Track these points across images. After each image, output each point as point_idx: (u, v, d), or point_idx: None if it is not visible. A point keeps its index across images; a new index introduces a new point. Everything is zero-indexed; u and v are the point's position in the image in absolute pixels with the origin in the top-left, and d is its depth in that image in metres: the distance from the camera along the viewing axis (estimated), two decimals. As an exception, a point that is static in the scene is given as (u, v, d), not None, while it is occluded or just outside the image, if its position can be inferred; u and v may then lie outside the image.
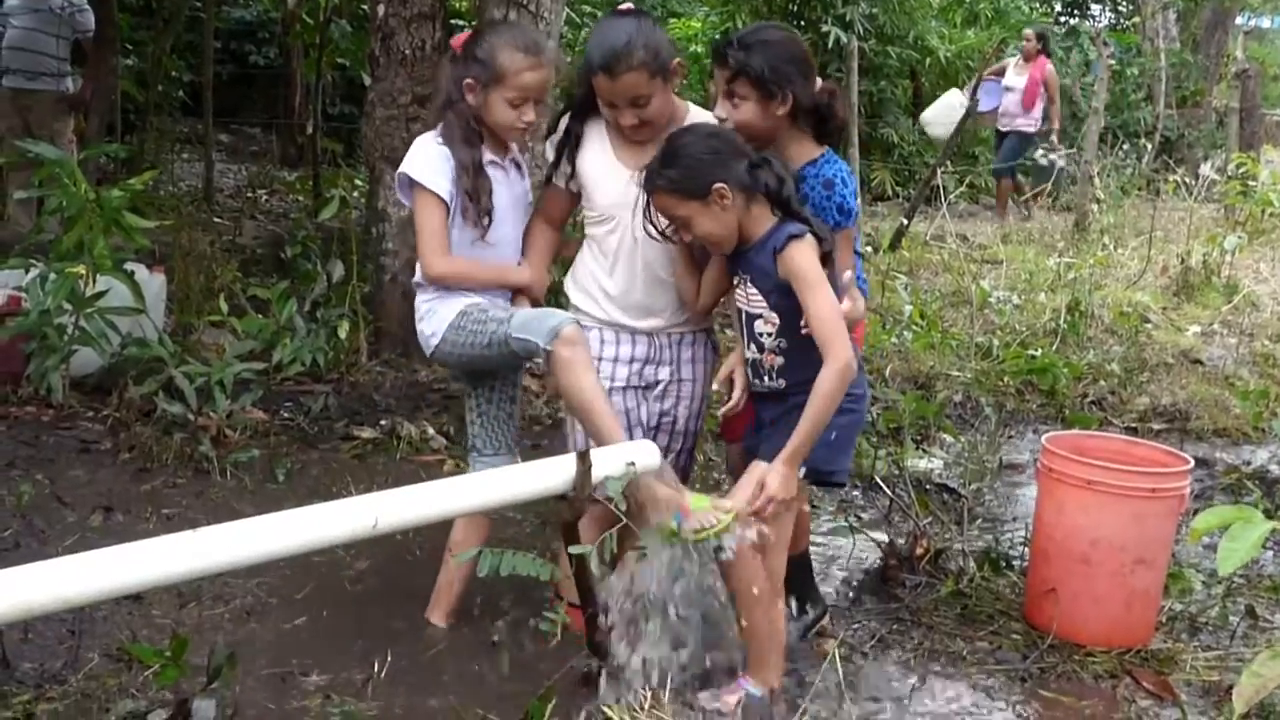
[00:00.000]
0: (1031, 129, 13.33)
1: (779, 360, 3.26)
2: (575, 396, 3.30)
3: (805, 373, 3.18)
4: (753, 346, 3.31)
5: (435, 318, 3.51)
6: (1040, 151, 12.99)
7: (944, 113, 12.87)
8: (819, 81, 3.51)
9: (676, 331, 3.60)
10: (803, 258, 3.13)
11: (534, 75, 3.45)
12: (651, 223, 3.34)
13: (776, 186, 3.21)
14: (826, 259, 3.19)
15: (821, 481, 3.50)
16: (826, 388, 3.13)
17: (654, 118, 3.37)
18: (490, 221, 3.48)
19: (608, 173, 3.49)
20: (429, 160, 3.46)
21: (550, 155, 3.61)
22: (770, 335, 3.26)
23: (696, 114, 3.54)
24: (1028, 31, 14.04)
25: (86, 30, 8.50)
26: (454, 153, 3.44)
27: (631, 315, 3.54)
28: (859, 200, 3.60)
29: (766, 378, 3.31)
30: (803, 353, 3.20)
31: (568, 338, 3.25)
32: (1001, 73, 13.51)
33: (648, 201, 3.30)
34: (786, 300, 3.20)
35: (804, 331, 3.18)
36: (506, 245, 3.60)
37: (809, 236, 3.15)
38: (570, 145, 3.54)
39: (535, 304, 3.60)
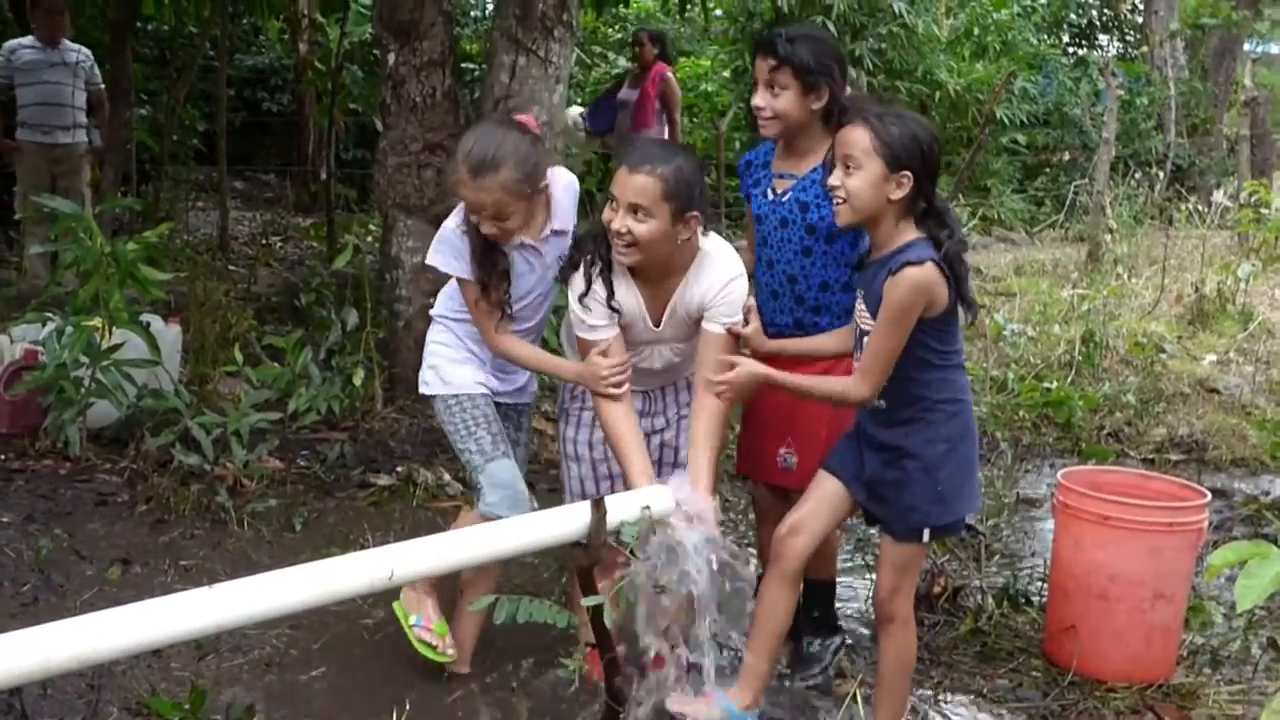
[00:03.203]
0: None
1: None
2: None
3: (909, 391, 3.19)
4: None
5: (436, 373, 3.66)
6: None
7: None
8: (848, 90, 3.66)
9: (672, 385, 3.69)
10: (908, 288, 3.05)
11: (471, 195, 3.39)
12: None
13: (938, 229, 3.14)
14: (960, 281, 3.12)
15: (945, 534, 3.61)
16: (838, 388, 3.26)
17: (644, 239, 3.25)
18: (507, 310, 3.53)
19: (637, 317, 3.47)
20: (445, 246, 3.53)
21: (577, 305, 3.45)
22: None
23: (714, 245, 3.48)
24: (641, 34, 11.18)
25: (96, 83, 8.62)
26: (470, 238, 3.49)
27: (635, 384, 3.57)
28: None
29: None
30: (905, 375, 3.18)
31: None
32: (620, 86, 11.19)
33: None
34: None
35: (913, 355, 3.16)
36: (525, 328, 3.65)
37: (929, 265, 3.06)
38: (605, 272, 3.40)
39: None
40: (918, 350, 3.15)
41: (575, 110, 10.45)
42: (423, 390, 3.74)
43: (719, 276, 3.40)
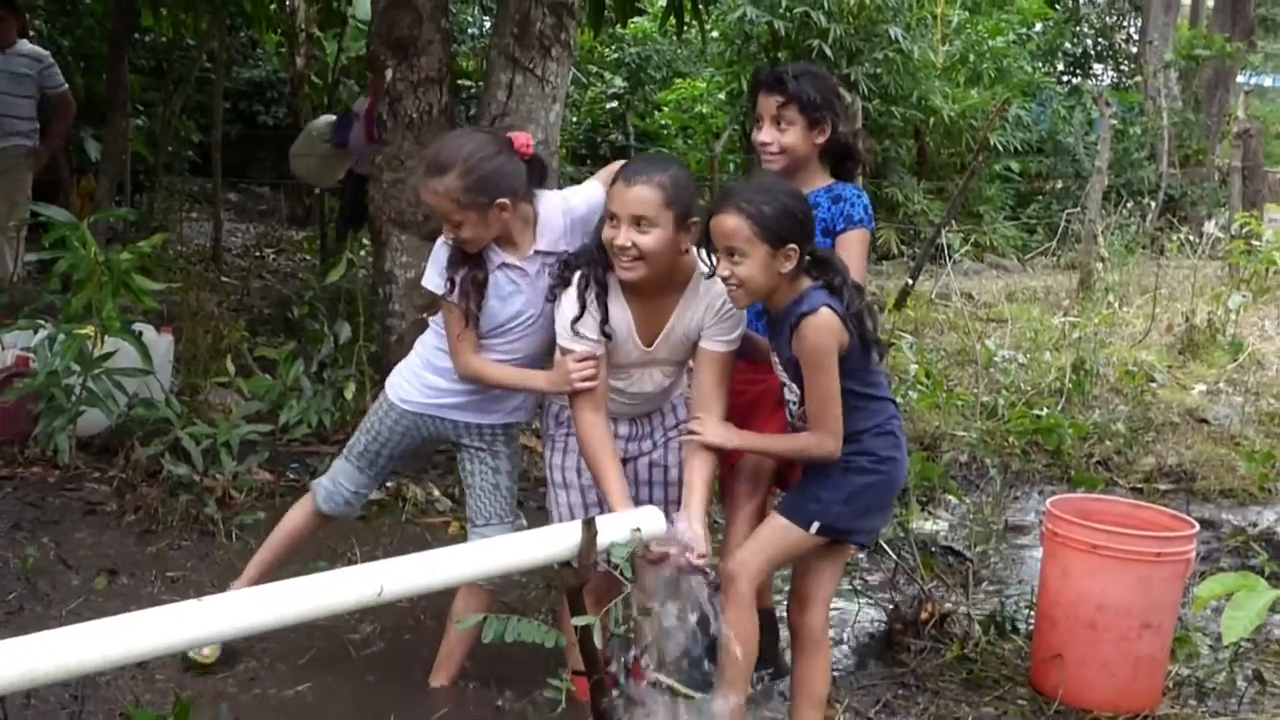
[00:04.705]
0: None
1: (805, 425, 3.29)
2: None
3: None
4: (789, 407, 3.36)
5: (400, 376, 3.79)
6: None
7: (306, 145, 9.86)
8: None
9: (657, 411, 3.65)
10: (813, 336, 3.13)
11: (423, 195, 3.47)
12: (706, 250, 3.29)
13: (827, 275, 3.20)
14: (859, 320, 3.17)
15: (837, 540, 3.47)
16: (802, 444, 3.30)
17: (650, 251, 3.24)
18: (471, 320, 3.52)
19: (626, 338, 3.43)
20: (432, 261, 3.57)
21: (568, 328, 3.41)
22: (795, 403, 3.30)
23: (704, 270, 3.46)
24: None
25: (56, 86, 8.43)
26: (451, 246, 3.52)
27: (621, 411, 3.58)
28: (872, 218, 3.66)
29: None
30: None
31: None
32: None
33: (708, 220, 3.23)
34: (801, 375, 3.23)
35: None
36: (521, 356, 3.63)
37: (823, 310, 3.12)
38: (600, 292, 3.37)
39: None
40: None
41: (324, 120, 9.81)
42: (386, 384, 3.86)
43: (717, 294, 3.37)
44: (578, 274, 3.37)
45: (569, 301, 3.38)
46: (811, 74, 3.64)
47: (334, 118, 9.41)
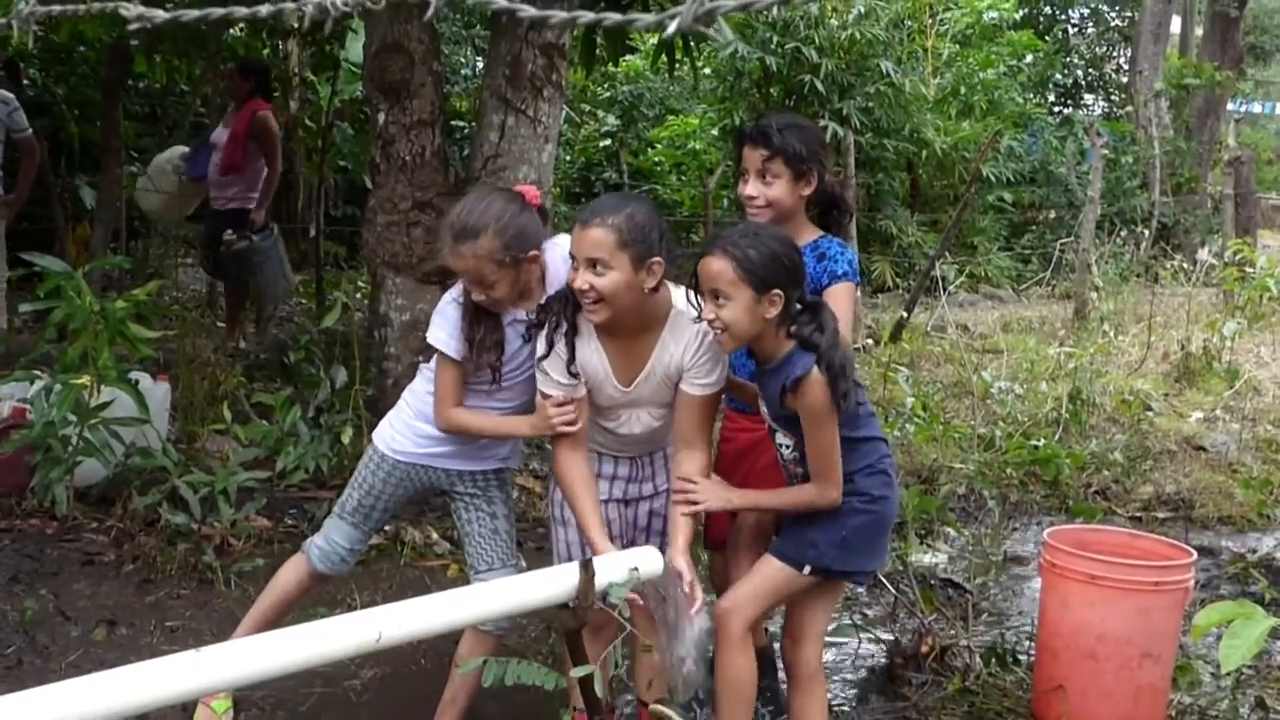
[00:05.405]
0: (245, 204, 8.82)
1: (800, 469, 3.31)
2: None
3: None
4: (780, 451, 3.37)
5: (391, 426, 3.75)
6: (229, 233, 8.68)
7: (157, 178, 9.41)
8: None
9: (660, 451, 3.64)
10: (811, 395, 3.13)
11: (453, 261, 3.42)
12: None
13: (808, 326, 3.18)
14: (835, 381, 3.16)
15: (830, 577, 3.46)
16: (805, 496, 3.29)
17: (608, 292, 3.22)
18: (496, 376, 3.51)
19: (604, 380, 3.43)
20: (439, 318, 3.53)
21: (538, 353, 3.44)
22: (789, 448, 3.31)
23: (679, 296, 3.43)
24: (234, 66, 9.43)
25: (21, 130, 8.24)
26: (464, 305, 3.49)
27: (618, 451, 3.58)
28: (857, 271, 3.67)
29: (793, 480, 3.37)
30: None
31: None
32: None
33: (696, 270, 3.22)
34: (794, 426, 3.24)
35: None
36: (516, 404, 3.63)
37: (814, 372, 3.12)
38: (569, 334, 3.37)
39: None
40: None
41: (178, 150, 9.53)
42: (374, 435, 3.82)
43: (695, 334, 3.36)
44: (551, 318, 3.38)
45: (540, 343, 3.40)
46: (796, 126, 3.65)
47: (185, 149, 9.41)
